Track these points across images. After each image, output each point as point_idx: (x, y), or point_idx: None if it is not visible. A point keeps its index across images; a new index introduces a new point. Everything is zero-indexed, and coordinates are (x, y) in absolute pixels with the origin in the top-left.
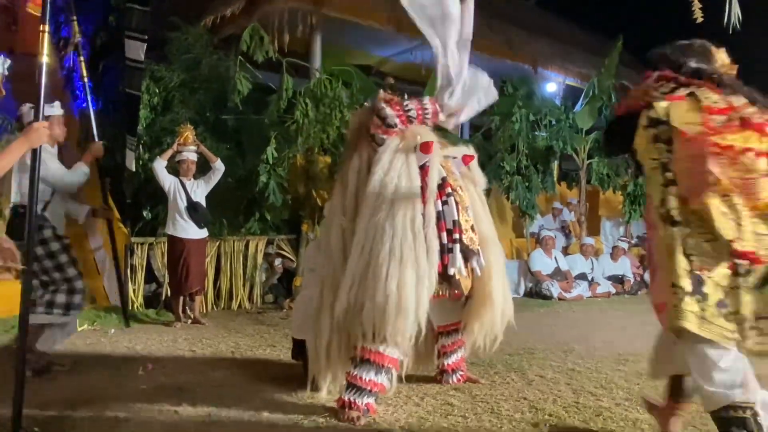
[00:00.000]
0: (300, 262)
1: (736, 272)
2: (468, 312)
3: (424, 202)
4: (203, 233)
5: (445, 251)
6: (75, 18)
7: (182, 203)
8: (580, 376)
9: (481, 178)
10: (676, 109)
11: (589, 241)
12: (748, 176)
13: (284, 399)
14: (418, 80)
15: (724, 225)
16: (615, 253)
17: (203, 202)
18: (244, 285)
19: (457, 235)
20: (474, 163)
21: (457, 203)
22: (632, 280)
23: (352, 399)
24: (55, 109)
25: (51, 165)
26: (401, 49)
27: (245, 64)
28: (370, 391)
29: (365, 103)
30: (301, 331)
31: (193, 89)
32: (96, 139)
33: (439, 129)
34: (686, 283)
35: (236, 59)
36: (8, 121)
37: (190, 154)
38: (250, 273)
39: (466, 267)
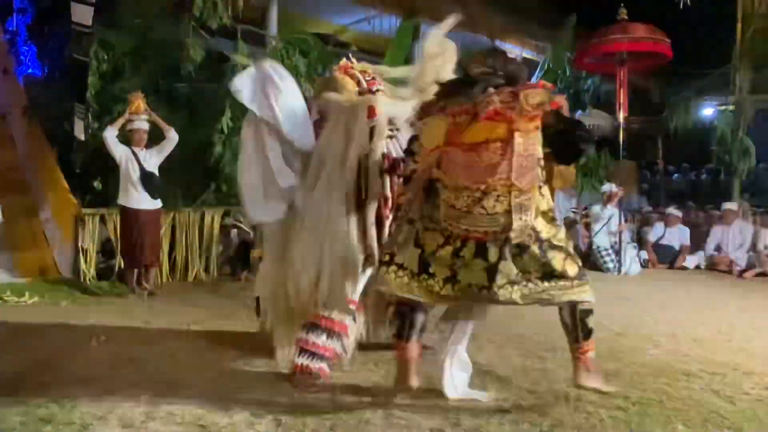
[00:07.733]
0: (257, 234)
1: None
2: None
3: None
4: (157, 204)
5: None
6: None
7: (135, 173)
8: (529, 341)
9: None
10: None
11: None
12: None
13: (241, 368)
14: (376, 50)
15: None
16: (566, 224)
17: (156, 172)
18: (200, 257)
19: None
20: None
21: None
22: (582, 249)
23: (304, 363)
24: None
25: None
26: (359, 17)
27: (198, 31)
28: (322, 355)
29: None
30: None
31: (145, 56)
32: None
33: None
34: None
35: (189, 25)
36: None
37: (142, 123)
38: (206, 245)
39: None
